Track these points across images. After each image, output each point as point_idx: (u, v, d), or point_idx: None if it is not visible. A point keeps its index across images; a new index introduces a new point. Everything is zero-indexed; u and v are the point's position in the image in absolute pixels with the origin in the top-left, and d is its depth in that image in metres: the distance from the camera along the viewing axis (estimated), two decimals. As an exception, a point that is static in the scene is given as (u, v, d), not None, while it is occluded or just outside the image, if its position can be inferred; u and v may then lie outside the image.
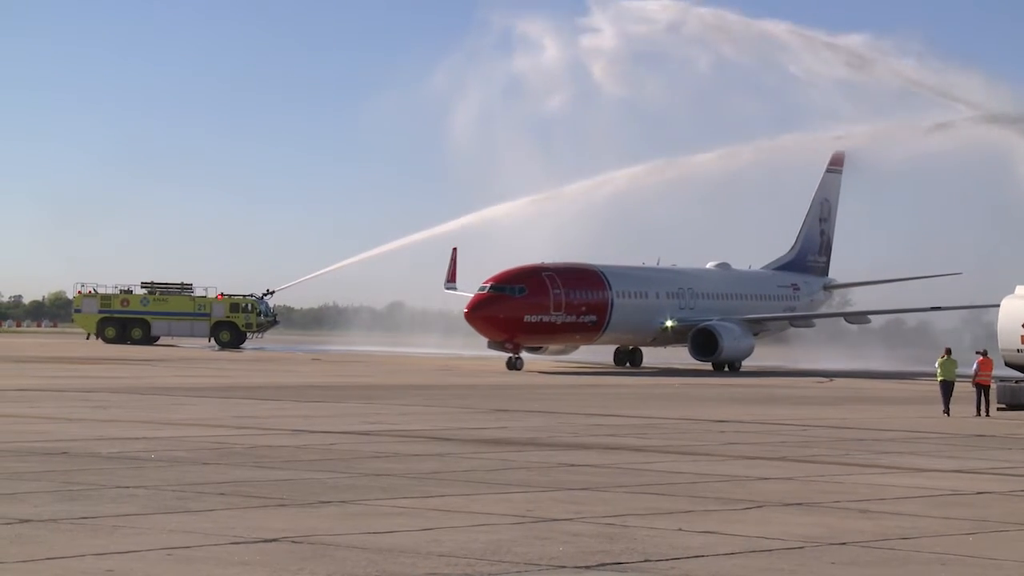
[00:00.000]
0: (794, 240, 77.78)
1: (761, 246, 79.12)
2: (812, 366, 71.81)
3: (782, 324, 70.18)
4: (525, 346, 62.70)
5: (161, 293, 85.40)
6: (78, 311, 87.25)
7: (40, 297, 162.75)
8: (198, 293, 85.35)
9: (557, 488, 16.96)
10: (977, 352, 35.93)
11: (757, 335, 67.10)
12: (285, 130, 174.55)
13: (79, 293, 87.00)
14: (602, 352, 68.81)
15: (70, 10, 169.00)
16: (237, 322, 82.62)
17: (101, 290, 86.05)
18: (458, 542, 12.74)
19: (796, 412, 34.11)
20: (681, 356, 65.19)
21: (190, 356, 67.01)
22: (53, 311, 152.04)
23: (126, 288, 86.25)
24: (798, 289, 74.41)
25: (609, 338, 64.32)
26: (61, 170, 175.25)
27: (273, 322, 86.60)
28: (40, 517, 13.49)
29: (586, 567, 11.80)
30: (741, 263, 75.39)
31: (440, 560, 11.86)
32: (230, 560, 11.64)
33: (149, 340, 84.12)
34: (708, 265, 72.32)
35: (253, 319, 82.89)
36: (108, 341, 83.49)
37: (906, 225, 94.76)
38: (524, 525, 13.90)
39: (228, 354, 72.23)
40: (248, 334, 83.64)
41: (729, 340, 62.76)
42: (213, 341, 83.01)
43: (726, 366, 63.86)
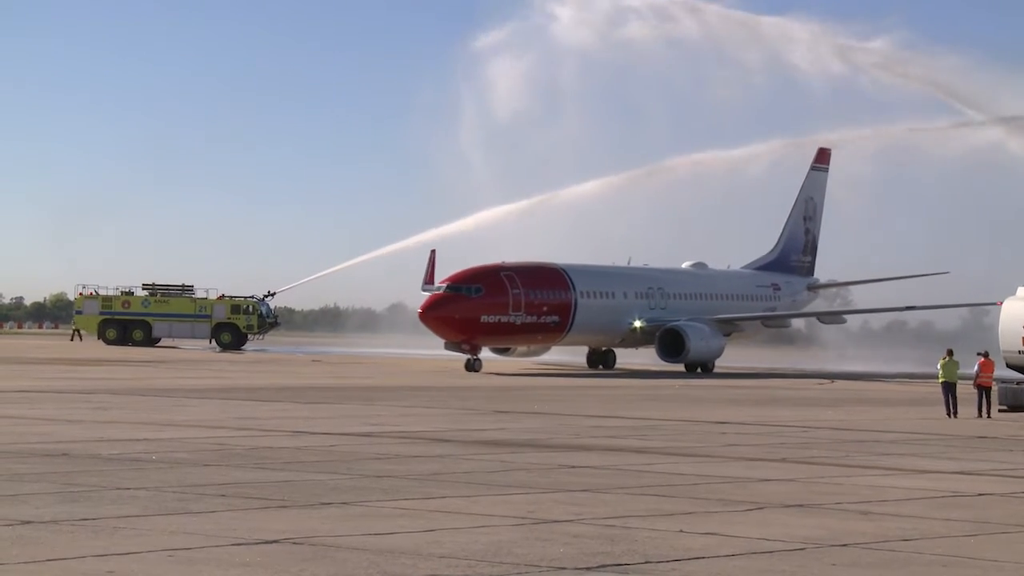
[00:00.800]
0: (776, 239, 76.01)
1: (749, 246, 77.94)
2: (810, 367, 71.88)
3: (755, 324, 68.34)
4: (491, 348, 61.63)
5: (162, 295, 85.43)
6: (79, 313, 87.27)
7: (41, 299, 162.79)
8: (199, 295, 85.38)
9: (558, 489, 16.96)
10: (978, 354, 35.92)
11: (729, 336, 65.36)
12: (286, 131, 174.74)
13: (80, 295, 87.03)
14: (577, 354, 67.41)
15: (70, 10, 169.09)
16: (238, 324, 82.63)
17: (102, 292, 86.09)
18: (459, 543, 12.74)
19: (797, 413, 34.11)
20: (654, 358, 63.75)
21: (191, 358, 67.02)
22: (54, 313, 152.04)
23: (127, 290, 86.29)
24: (779, 289, 72.71)
25: (574, 339, 62.73)
26: (62, 171, 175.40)
27: (274, 324, 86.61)
28: (41, 518, 13.50)
29: (587, 568, 11.80)
30: (734, 263, 74.13)
31: (441, 561, 11.86)
32: (231, 561, 11.64)
33: (150, 342, 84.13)
34: (683, 265, 70.72)
35: (254, 321, 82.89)
36: (109, 343, 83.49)
37: (910, 225, 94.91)
38: (525, 526, 13.90)
39: (229, 356, 72.23)
40: (249, 336, 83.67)
41: (697, 340, 61.26)
42: (214, 343, 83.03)
43: (698, 368, 62.21)
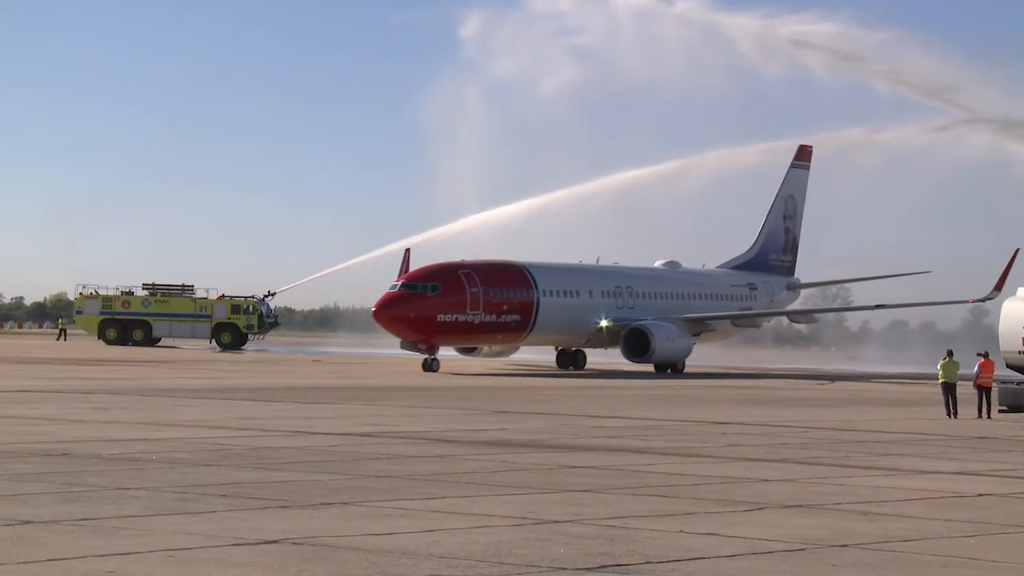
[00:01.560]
0: (755, 238, 74.81)
1: (731, 245, 76.73)
2: (811, 367, 71.87)
3: (725, 324, 67.28)
4: (456, 348, 60.89)
5: (162, 295, 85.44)
6: (79, 312, 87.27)
7: (42, 298, 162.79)
8: (199, 294, 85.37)
9: (558, 490, 16.96)
10: (978, 354, 35.91)
11: (699, 336, 64.55)
12: (286, 130, 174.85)
13: (80, 294, 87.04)
14: (547, 354, 66.65)
15: (73, 9, 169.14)
16: (238, 324, 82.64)
17: (102, 291, 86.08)
18: (459, 543, 12.74)
19: (797, 414, 34.11)
20: (622, 358, 62.40)
21: (191, 358, 67.02)
22: (55, 312, 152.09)
23: (127, 289, 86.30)
24: (755, 289, 71.33)
25: (536, 339, 61.58)
26: (62, 170, 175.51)
27: (274, 324, 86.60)
28: (41, 518, 13.50)
29: (587, 569, 11.79)
30: (716, 263, 73.22)
31: (441, 561, 11.86)
32: (231, 561, 11.64)
33: (150, 341, 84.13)
34: (655, 263, 69.68)
35: (254, 321, 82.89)
36: (109, 342, 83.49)
37: (910, 225, 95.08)
38: (525, 527, 13.90)
39: (229, 355, 72.23)
40: (249, 336, 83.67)
41: (663, 340, 60.15)
42: (214, 343, 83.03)
43: (668, 368, 61.45)
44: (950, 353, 35.38)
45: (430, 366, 55.55)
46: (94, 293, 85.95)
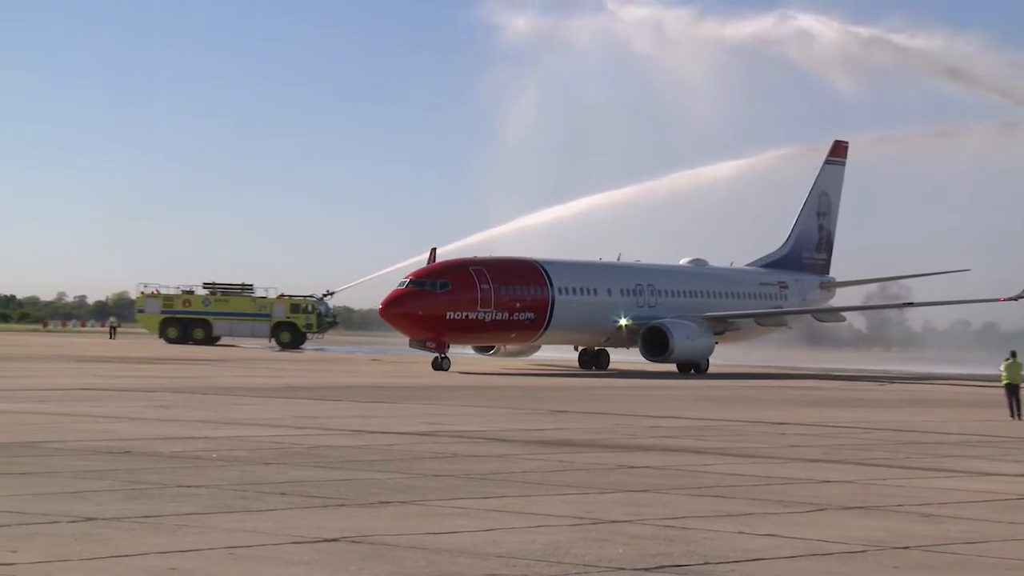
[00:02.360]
0: (787, 236, 73.26)
1: (764, 243, 75.33)
2: (871, 367, 71.33)
3: (749, 323, 65.26)
4: (473, 347, 60.36)
5: (222, 294, 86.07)
6: (141, 311, 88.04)
7: (104, 297, 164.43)
8: (259, 294, 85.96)
9: (616, 490, 16.92)
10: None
11: (722, 334, 62.92)
12: (347, 130, 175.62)
13: (141, 294, 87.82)
14: (570, 353, 65.65)
15: (131, 8, 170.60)
16: (297, 323, 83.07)
17: (163, 291, 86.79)
18: (517, 543, 12.73)
19: (855, 415, 33.85)
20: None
21: (251, 356, 67.43)
22: (117, 311, 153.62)
23: (188, 289, 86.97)
24: (786, 287, 69.78)
25: (552, 338, 60.30)
26: (125, 170, 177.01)
27: (333, 323, 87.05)
28: (103, 515, 13.61)
29: (645, 569, 11.75)
30: (744, 261, 71.99)
31: (499, 561, 11.85)
32: (290, 559, 11.69)
33: (210, 340, 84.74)
34: (681, 261, 68.36)
35: (313, 320, 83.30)
36: (170, 341, 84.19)
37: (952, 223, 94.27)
38: (583, 527, 13.87)
39: (288, 355, 72.62)
40: (308, 335, 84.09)
41: (681, 339, 58.63)
42: (273, 341, 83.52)
43: (692, 369, 60.08)
44: (1013, 354, 34.96)
45: (440, 365, 54.52)
46: (155, 292, 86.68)
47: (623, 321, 60.36)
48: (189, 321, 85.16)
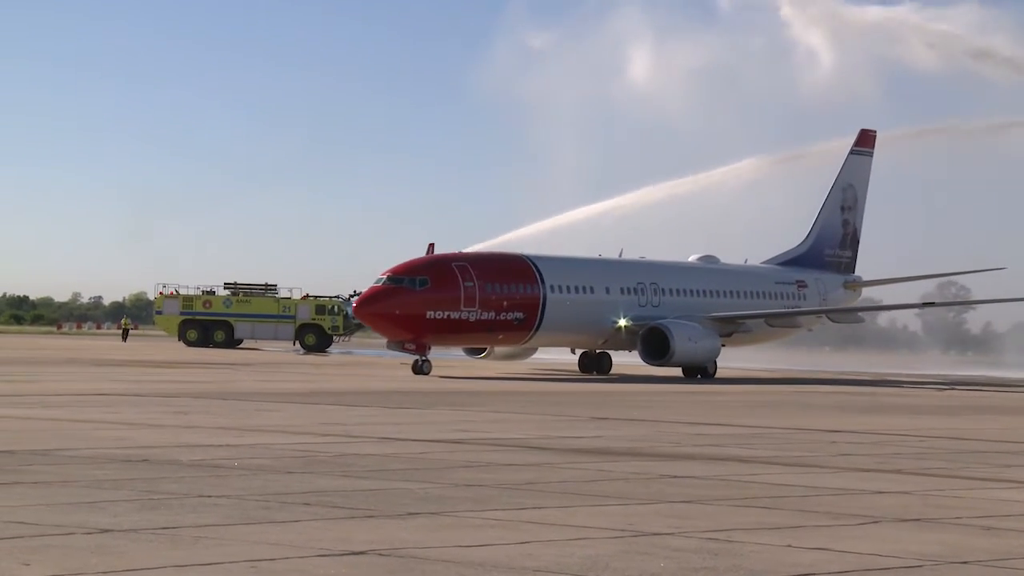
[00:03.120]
0: (807, 232, 72.16)
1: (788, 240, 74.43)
2: (924, 372, 70.99)
3: (759, 323, 63.82)
4: (463, 348, 59.89)
5: (244, 294, 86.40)
6: (159, 313, 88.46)
7: (121, 298, 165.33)
8: (283, 294, 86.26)
9: (658, 500, 16.88)
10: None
11: (730, 336, 61.80)
12: (370, 128, 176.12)
13: (160, 294, 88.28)
14: (565, 354, 65.00)
15: (148, 2, 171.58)
16: (323, 324, 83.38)
17: (183, 291, 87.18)
18: (553, 556, 12.71)
19: (911, 422, 33.69)
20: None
21: (274, 360, 67.67)
22: (134, 313, 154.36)
23: (208, 289, 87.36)
24: (805, 287, 68.39)
25: (544, 339, 59.19)
26: (143, 166, 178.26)
27: (360, 325, 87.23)
28: (120, 527, 13.67)
29: (689, 585, 11.72)
30: (759, 258, 71.23)
31: (535, 575, 11.84)
32: (315, 573, 11.71)
33: (232, 343, 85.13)
34: (690, 258, 67.43)
35: (339, 322, 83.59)
36: (190, 344, 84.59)
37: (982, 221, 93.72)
38: (623, 539, 13.84)
39: (313, 358, 72.84)
40: (334, 337, 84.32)
41: (682, 340, 57.25)
42: (298, 344, 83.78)
43: (698, 374, 58.79)
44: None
45: (420, 368, 53.62)
46: (174, 293, 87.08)
47: (622, 322, 59.16)
48: (209, 323, 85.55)
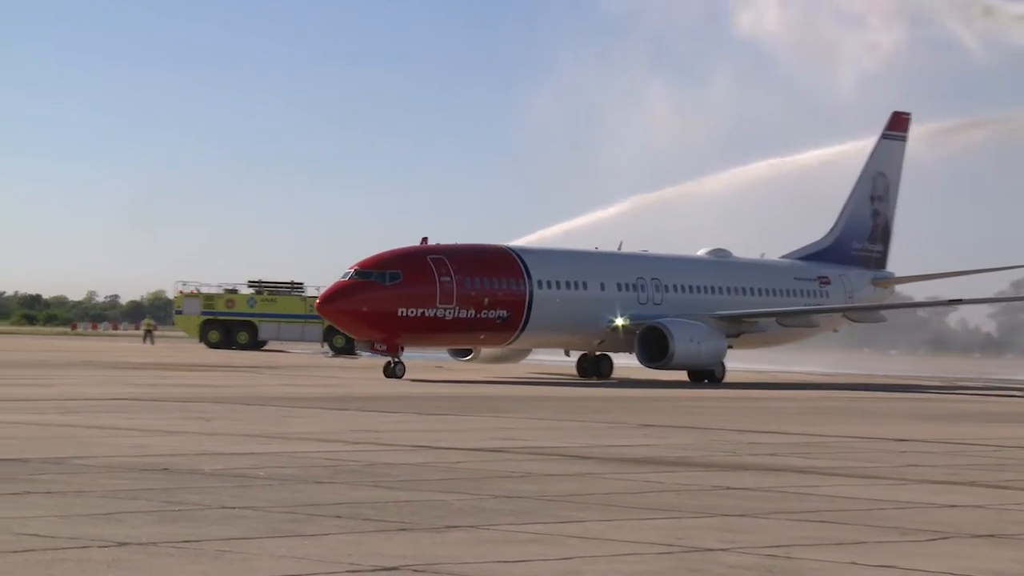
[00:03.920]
0: (832, 224, 70.57)
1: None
2: (1001, 376, 70.52)
3: (770, 323, 61.95)
4: (449, 349, 58.90)
5: (269, 293, 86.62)
6: (179, 312, 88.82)
7: (138, 297, 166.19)
8: (310, 293, 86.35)
9: (710, 514, 16.84)
10: None
11: (739, 336, 60.06)
12: (396, 121, 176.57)
13: (180, 293, 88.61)
14: (557, 355, 64.07)
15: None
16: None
17: (204, 289, 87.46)
18: (599, 573, 12.69)
19: (986, 431, 33.49)
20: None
21: (301, 363, 67.85)
22: (152, 312, 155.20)
23: (231, 287, 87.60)
24: (828, 283, 66.55)
25: (532, 340, 57.66)
26: (159, 158, 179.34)
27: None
28: (138, 540, 13.72)
29: (745, 604, 11.67)
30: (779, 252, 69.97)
31: (579, 594, 11.82)
32: (346, 590, 11.72)
33: (256, 345, 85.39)
34: (699, 252, 66.08)
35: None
36: (211, 346, 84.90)
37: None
38: (673, 555, 13.81)
39: (342, 361, 73.01)
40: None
41: (683, 341, 55.62)
42: (326, 346, 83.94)
43: (705, 378, 57.31)
44: None
45: (393, 371, 52.56)
46: (195, 291, 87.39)
47: (619, 320, 57.54)
48: (232, 323, 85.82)
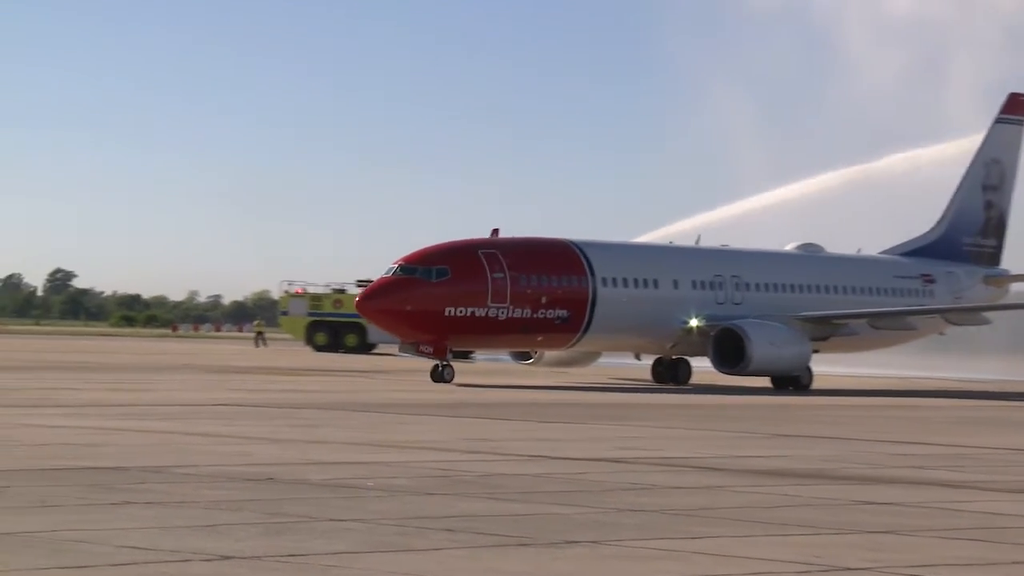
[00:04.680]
0: (939, 217, 68.01)
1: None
2: None
3: (861, 325, 59.48)
4: (511, 353, 57.98)
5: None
6: (284, 314, 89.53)
7: (242, 297, 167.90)
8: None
9: (851, 530, 16.65)
10: None
11: (827, 339, 58.15)
12: (519, 114, 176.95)
13: (286, 293, 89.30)
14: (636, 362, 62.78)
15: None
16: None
17: (311, 289, 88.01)
18: (731, 594, 12.59)
19: None
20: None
21: (412, 367, 68.10)
22: (257, 313, 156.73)
23: (339, 287, 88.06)
24: (932, 281, 64.25)
25: (595, 342, 55.96)
26: (262, 151, 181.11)
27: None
28: (242, 553, 13.83)
29: (889, 628, 11.52)
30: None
31: (710, 615, 11.73)
32: (460, 609, 11.73)
33: (365, 347, 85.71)
34: (787, 247, 64.12)
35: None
36: (318, 349, 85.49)
37: None
38: (811, 574, 13.67)
39: (456, 365, 73.16)
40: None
41: (762, 345, 53.83)
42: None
43: (790, 385, 55.51)
44: None
45: (441, 375, 51.29)
46: (302, 291, 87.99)
47: (694, 322, 55.89)
48: (340, 325, 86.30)
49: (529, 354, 57.74)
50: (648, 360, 61.28)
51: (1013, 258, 69.57)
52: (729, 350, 54.53)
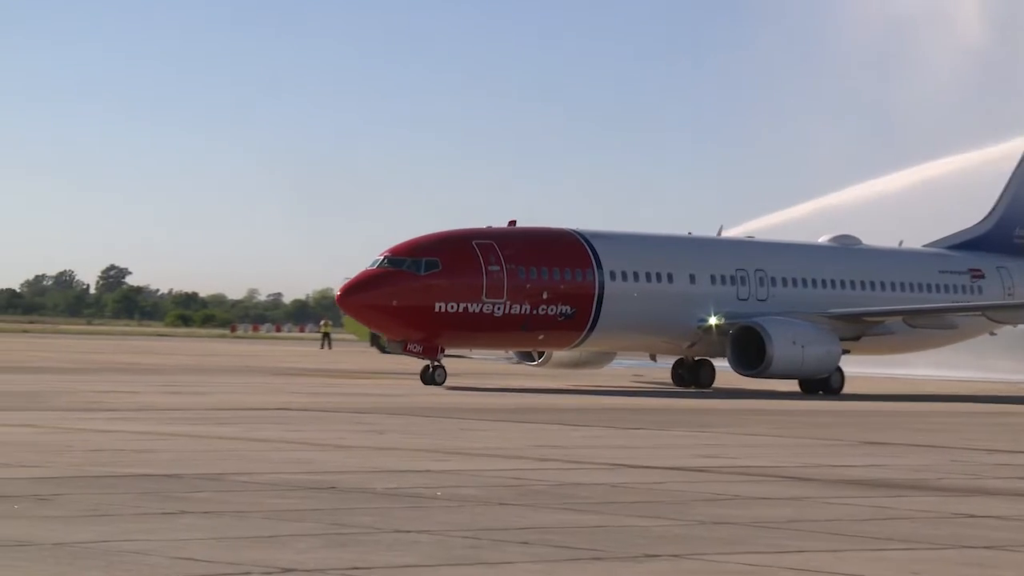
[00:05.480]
0: (991, 207, 65.68)
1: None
2: None
3: (896, 323, 57.18)
4: (516, 352, 56.71)
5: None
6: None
7: (303, 295, 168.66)
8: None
9: (951, 545, 16.49)
10: None
11: (858, 339, 55.82)
12: (581, 103, 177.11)
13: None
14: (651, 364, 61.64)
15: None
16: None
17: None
18: (823, 612, 12.48)
19: None
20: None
21: (483, 370, 68.24)
22: (319, 312, 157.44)
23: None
24: (980, 277, 61.83)
25: (603, 341, 53.91)
26: (326, 146, 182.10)
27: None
28: (304, 566, 13.83)
29: (993, 651, 11.37)
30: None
31: (800, 635, 11.63)
32: (534, 627, 11.67)
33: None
34: (821, 239, 61.52)
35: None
36: (383, 350, 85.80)
37: None
38: (909, 593, 13.55)
39: (527, 368, 73.22)
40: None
41: (784, 345, 51.62)
42: (511, 352, 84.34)
43: (819, 390, 53.38)
44: None
45: (431, 376, 49.91)
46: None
47: (712, 319, 53.78)
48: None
49: (535, 355, 56.32)
50: (667, 361, 59.65)
51: None
52: (748, 350, 52.73)
